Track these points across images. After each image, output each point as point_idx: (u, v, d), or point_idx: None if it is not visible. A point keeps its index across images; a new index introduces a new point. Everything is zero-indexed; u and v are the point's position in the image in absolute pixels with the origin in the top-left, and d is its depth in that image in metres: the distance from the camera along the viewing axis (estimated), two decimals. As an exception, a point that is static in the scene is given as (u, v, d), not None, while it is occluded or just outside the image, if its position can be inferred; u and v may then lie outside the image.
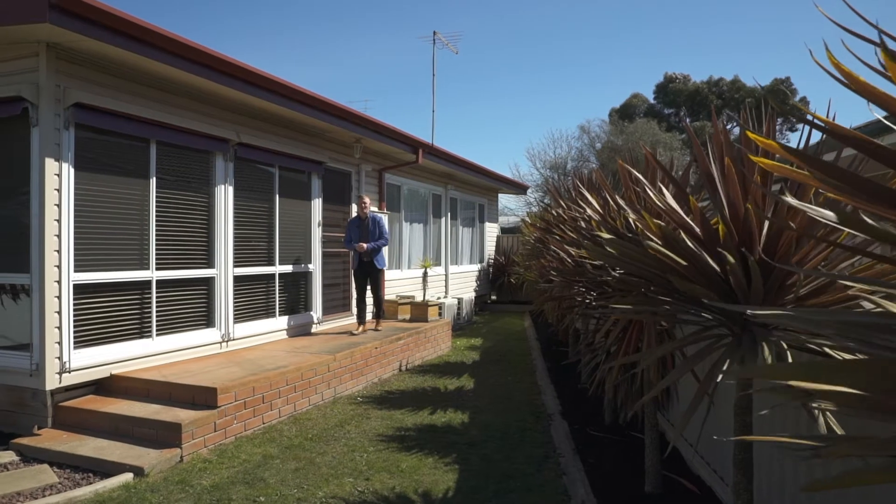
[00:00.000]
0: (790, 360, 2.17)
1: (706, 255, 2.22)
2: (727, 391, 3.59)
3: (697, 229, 2.21)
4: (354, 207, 10.06)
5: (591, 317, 5.66)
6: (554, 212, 8.06)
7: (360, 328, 8.92)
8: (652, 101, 40.76)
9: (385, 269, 9.12)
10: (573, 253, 5.47)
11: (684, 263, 2.20)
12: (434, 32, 12.92)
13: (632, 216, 2.64)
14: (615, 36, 59.92)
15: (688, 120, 39.02)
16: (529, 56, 63.40)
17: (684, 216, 2.31)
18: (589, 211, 4.48)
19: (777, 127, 2.56)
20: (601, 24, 59.92)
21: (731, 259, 2.00)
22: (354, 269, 8.94)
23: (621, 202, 3.44)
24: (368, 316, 9.46)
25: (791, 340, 2.15)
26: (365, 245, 8.57)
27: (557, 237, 5.73)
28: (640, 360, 3.92)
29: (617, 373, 4.95)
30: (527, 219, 22.63)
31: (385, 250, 9.07)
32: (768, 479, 3.30)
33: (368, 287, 8.97)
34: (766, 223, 2.27)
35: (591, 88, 59.71)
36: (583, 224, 4.61)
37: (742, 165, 2.23)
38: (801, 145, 2.31)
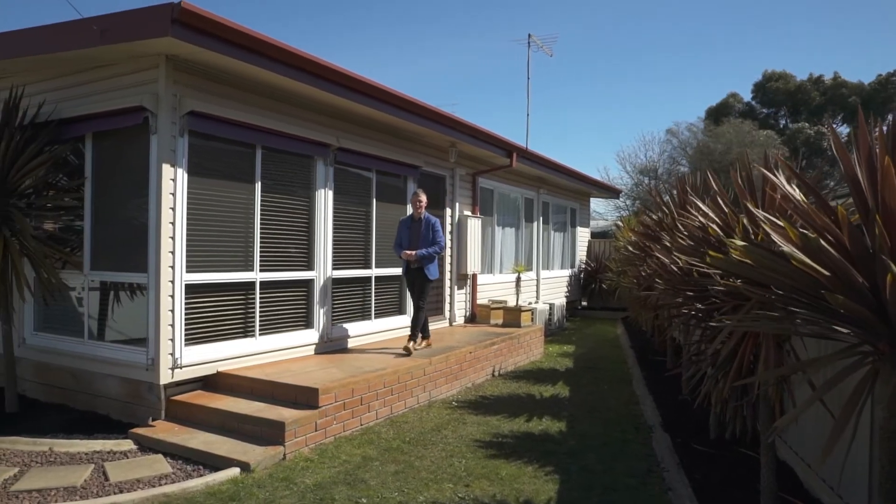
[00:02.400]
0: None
1: (852, 267, 2.04)
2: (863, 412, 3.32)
3: (845, 238, 2.02)
4: (410, 206, 8.80)
5: (699, 327, 5.41)
6: (655, 216, 7.78)
7: (424, 343, 7.91)
8: (749, 101, 38.94)
9: (435, 280, 7.80)
10: (680, 260, 5.24)
11: (827, 274, 2.03)
12: (529, 35, 12.87)
13: (764, 223, 2.47)
14: (711, 35, 57.71)
15: (787, 120, 37.07)
16: (621, 57, 62.05)
17: (830, 223, 2.12)
18: (701, 218, 4.27)
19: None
20: (696, 25, 57.85)
21: (894, 268, 1.81)
22: (403, 276, 8.06)
23: (753, 208, 3.24)
24: (397, 334, 8.37)
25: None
26: (413, 253, 7.54)
27: (667, 243, 5.51)
28: (759, 378, 3.70)
29: (727, 386, 4.69)
30: (619, 223, 22.12)
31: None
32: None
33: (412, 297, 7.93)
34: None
35: (683, 89, 57.75)
36: (697, 230, 4.39)
37: None
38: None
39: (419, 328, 7.72)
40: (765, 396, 4.15)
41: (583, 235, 18.09)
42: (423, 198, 7.75)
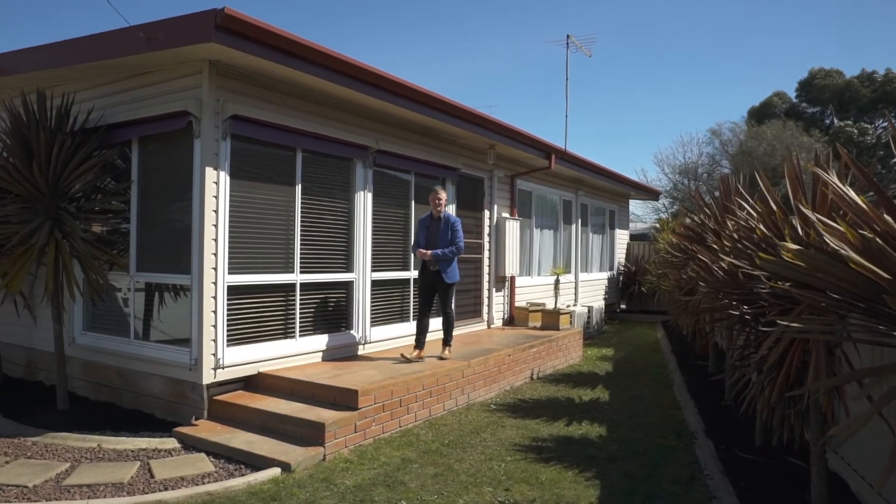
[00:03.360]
0: None
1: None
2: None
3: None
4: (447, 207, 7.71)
5: (744, 331, 5.28)
6: (697, 218, 7.63)
7: (416, 353, 7.15)
8: (794, 100, 37.97)
9: (455, 283, 7.35)
10: (725, 263, 5.13)
11: (888, 277, 1.95)
12: (567, 36, 12.72)
13: (818, 225, 2.38)
14: (753, 33, 56.47)
15: (834, 118, 36.04)
16: (660, 57, 61.15)
17: (893, 223, 2.03)
18: (748, 219, 4.17)
19: None
20: (738, 23, 56.67)
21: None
22: (419, 277, 7.52)
23: (806, 209, 3.14)
24: (429, 336, 7.52)
25: None
26: (429, 252, 7.07)
27: (713, 245, 5.39)
28: (809, 388, 3.59)
29: (774, 392, 4.57)
30: (658, 225, 21.76)
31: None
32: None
33: (435, 302, 7.40)
34: None
35: (724, 89, 56.61)
36: (743, 231, 4.29)
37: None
38: None
39: (451, 333, 7.42)
40: (815, 404, 4.03)
41: (621, 238, 17.87)
42: (443, 196, 7.36)
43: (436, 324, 7.58)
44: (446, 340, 7.38)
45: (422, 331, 7.27)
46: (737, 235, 4.51)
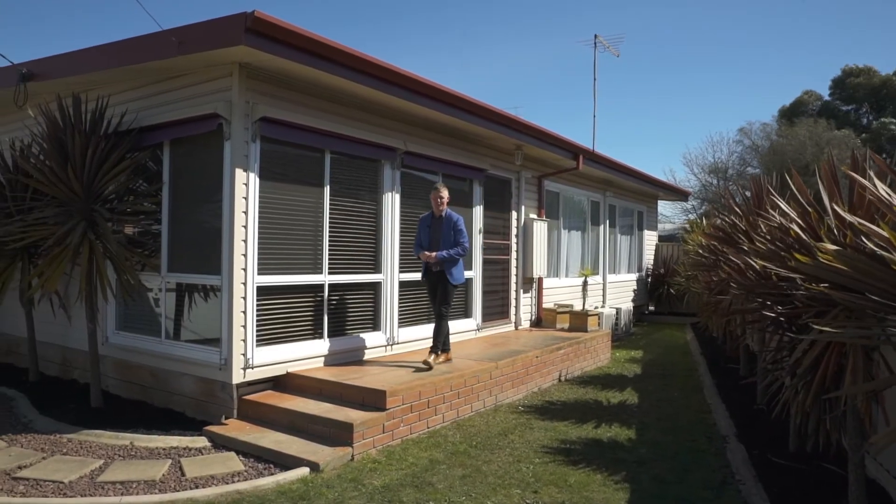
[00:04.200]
0: None
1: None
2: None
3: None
4: (436, 204, 7.37)
5: (777, 334, 5.17)
6: (728, 219, 7.51)
7: (432, 357, 6.77)
8: (826, 98, 37.23)
9: (460, 284, 7.02)
10: (757, 264, 5.03)
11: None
12: (595, 36, 12.65)
13: (858, 226, 2.32)
14: (784, 31, 55.50)
15: (870, 117, 35.26)
16: (687, 56, 60.41)
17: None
18: (781, 219, 4.08)
19: None
20: (768, 21, 55.74)
21: None
22: (422, 280, 7.19)
23: (843, 211, 3.06)
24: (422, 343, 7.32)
25: None
26: (433, 255, 6.73)
27: (745, 247, 5.30)
28: (846, 392, 3.50)
29: (809, 397, 4.47)
30: (687, 226, 21.47)
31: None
32: None
33: (435, 302, 7.01)
34: None
35: (754, 88, 55.94)
36: (777, 232, 4.20)
37: None
38: None
39: (441, 339, 6.91)
40: (853, 409, 3.93)
41: (650, 239, 17.67)
42: (445, 193, 6.94)
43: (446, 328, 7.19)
44: (434, 347, 6.85)
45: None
46: (770, 237, 4.42)
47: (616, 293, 14.58)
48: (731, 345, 9.71)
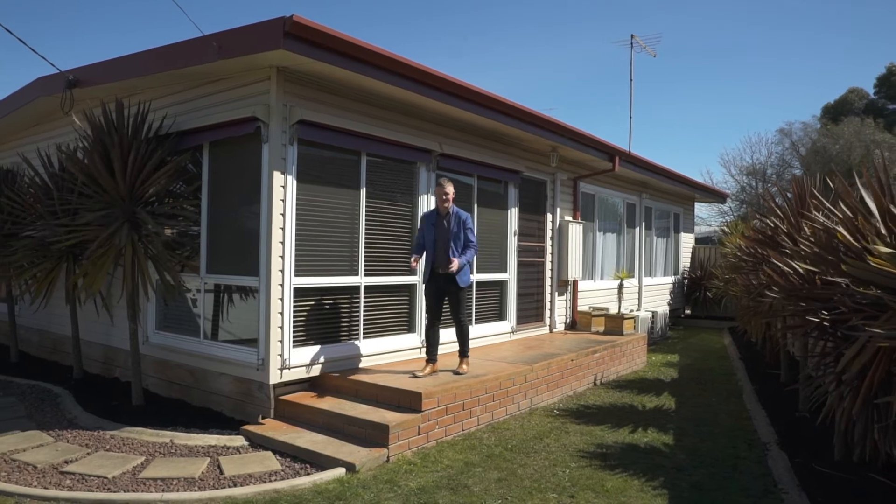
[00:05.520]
0: None
1: None
2: None
3: None
4: (431, 201, 6.72)
5: (822, 339, 5.04)
6: (769, 221, 7.36)
7: (429, 368, 6.37)
8: (872, 97, 36.18)
9: (468, 286, 6.70)
10: (801, 268, 4.92)
11: None
12: (632, 36, 12.47)
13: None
14: (824, 28, 54.20)
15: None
16: (725, 55, 59.41)
17: None
18: (827, 222, 3.98)
19: None
20: (809, 19, 54.50)
21: None
22: (425, 283, 6.68)
23: None
24: (441, 350, 6.77)
25: None
26: (456, 262, 6.26)
27: (787, 250, 5.19)
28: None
29: (856, 404, 4.35)
30: (725, 228, 21.08)
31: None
32: None
33: (445, 308, 6.61)
34: None
35: (794, 87, 54.56)
36: (822, 235, 4.10)
37: None
38: None
39: (467, 344, 6.71)
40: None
41: (687, 241, 17.39)
42: (450, 189, 6.45)
43: (447, 335, 7.11)
44: (463, 352, 6.67)
45: (433, 342, 6.53)
46: (814, 239, 4.31)
47: (652, 296, 14.38)
48: (770, 350, 9.51)
